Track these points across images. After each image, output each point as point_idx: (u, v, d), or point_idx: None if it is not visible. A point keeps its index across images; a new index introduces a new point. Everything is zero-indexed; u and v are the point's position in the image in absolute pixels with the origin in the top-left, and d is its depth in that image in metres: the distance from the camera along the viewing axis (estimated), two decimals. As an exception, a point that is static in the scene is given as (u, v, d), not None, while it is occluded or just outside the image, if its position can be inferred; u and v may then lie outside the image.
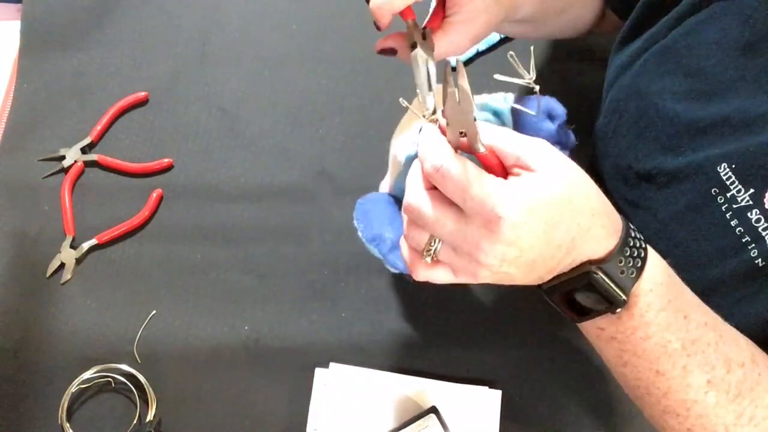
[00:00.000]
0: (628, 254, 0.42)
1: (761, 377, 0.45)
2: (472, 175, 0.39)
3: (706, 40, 0.53)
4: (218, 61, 0.80)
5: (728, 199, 0.49)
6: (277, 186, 0.75)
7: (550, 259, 0.41)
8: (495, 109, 0.50)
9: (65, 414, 0.65)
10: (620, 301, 0.42)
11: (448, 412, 0.63)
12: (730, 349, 0.45)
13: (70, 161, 0.75)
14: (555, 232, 0.40)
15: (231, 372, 0.67)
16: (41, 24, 0.82)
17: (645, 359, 0.45)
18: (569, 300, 0.44)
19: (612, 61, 0.66)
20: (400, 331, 0.68)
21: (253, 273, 0.71)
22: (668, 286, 0.44)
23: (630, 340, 0.44)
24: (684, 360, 0.44)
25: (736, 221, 0.49)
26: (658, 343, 0.44)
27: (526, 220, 0.38)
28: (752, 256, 0.48)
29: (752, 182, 0.48)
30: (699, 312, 0.45)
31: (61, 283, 0.71)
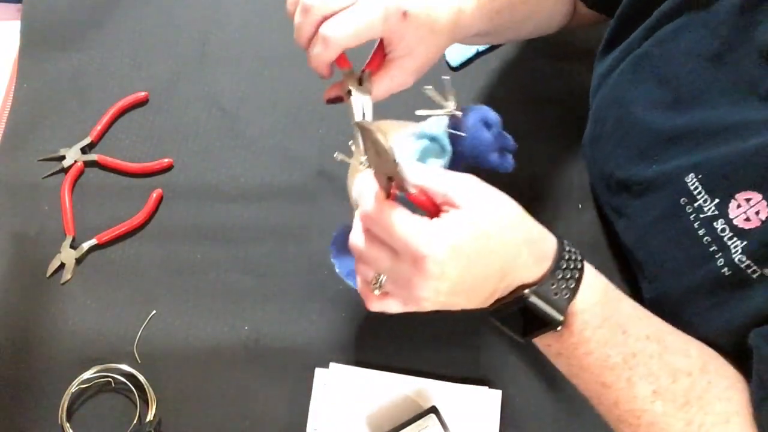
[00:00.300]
0: (561, 277, 0.44)
1: (711, 385, 0.46)
2: (397, 219, 0.42)
3: (679, 49, 0.54)
4: (218, 61, 0.80)
5: (696, 209, 0.50)
6: (277, 186, 0.75)
7: (485, 287, 0.44)
8: (431, 136, 0.53)
9: (65, 414, 0.65)
10: (556, 321, 0.45)
11: (448, 412, 0.63)
12: (676, 359, 0.46)
13: (70, 161, 0.75)
14: (481, 264, 0.43)
15: (231, 372, 0.67)
16: (41, 24, 0.82)
17: (590, 373, 0.47)
18: (512, 322, 0.47)
19: (595, 70, 0.67)
20: (400, 331, 0.68)
21: (253, 273, 0.71)
22: (604, 304, 0.46)
23: (574, 355, 0.47)
24: (627, 372, 0.46)
25: (704, 231, 0.50)
26: (600, 358, 0.46)
27: (449, 256, 0.41)
28: (719, 265, 0.49)
29: (717, 193, 0.49)
30: (641, 326, 0.47)
31: (61, 283, 0.71)
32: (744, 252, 0.47)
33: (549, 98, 0.77)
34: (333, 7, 0.47)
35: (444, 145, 0.53)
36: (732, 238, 0.48)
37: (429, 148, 0.53)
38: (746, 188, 0.47)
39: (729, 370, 0.48)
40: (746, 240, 0.47)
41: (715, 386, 0.46)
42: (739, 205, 0.47)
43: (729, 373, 0.47)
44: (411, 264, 0.42)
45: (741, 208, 0.47)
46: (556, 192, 0.73)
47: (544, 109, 0.77)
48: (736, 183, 0.47)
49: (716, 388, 0.46)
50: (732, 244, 0.48)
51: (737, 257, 0.48)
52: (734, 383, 0.46)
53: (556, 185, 0.73)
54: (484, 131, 0.54)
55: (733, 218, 0.48)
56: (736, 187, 0.47)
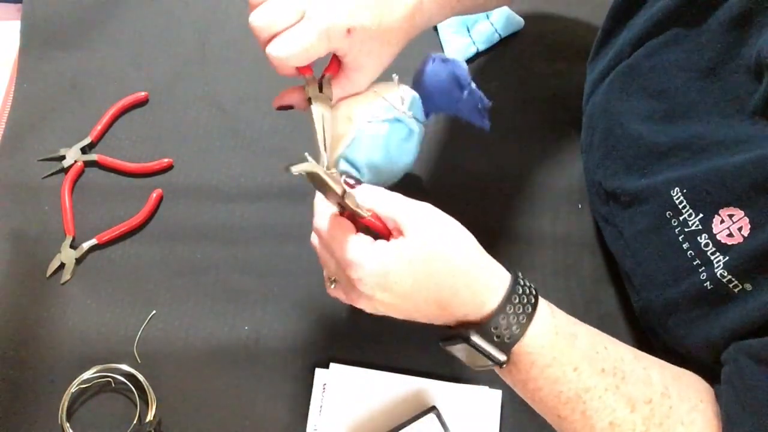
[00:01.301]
0: (511, 311, 0.45)
1: (672, 410, 0.45)
2: (339, 238, 0.45)
3: (669, 62, 0.54)
4: (218, 61, 0.80)
5: (681, 223, 0.50)
6: (277, 186, 0.74)
7: (423, 313, 0.46)
8: (395, 118, 0.52)
9: (65, 414, 0.65)
10: (499, 361, 0.46)
11: (448, 412, 0.63)
12: (634, 389, 0.46)
13: (70, 161, 0.75)
14: (413, 293, 0.45)
15: (231, 372, 0.67)
16: (41, 24, 0.82)
17: (544, 405, 0.48)
18: (460, 352, 0.48)
19: (588, 75, 0.67)
20: (400, 331, 0.68)
21: (253, 273, 0.71)
22: (552, 346, 0.46)
23: (526, 389, 0.48)
24: (581, 406, 0.46)
25: (688, 244, 0.50)
26: (551, 394, 0.46)
27: (377, 282, 0.44)
28: (702, 279, 0.49)
29: (701, 208, 0.49)
30: (595, 360, 0.46)
31: (61, 283, 0.71)
32: (726, 267, 0.47)
33: (548, 98, 0.77)
34: (275, 28, 0.46)
35: (410, 127, 0.53)
36: (715, 252, 0.48)
37: (395, 129, 0.53)
38: (729, 204, 0.47)
39: (691, 391, 0.47)
40: (728, 255, 0.47)
41: (677, 410, 0.45)
42: (723, 221, 0.47)
43: (692, 396, 0.47)
44: (347, 279, 0.46)
45: (724, 223, 0.47)
46: (556, 192, 0.73)
47: (543, 109, 0.77)
48: (720, 199, 0.47)
49: (678, 412, 0.45)
50: (715, 258, 0.48)
51: (719, 272, 0.48)
52: (696, 404, 0.46)
53: (556, 185, 0.73)
54: (456, 90, 0.54)
55: (717, 233, 0.48)
56: (719, 203, 0.47)
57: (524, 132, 0.76)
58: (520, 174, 0.74)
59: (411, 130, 0.53)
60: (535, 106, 0.77)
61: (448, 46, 0.79)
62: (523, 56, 0.80)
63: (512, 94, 0.78)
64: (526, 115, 0.77)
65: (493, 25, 0.79)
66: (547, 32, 0.80)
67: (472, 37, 0.79)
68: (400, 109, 0.53)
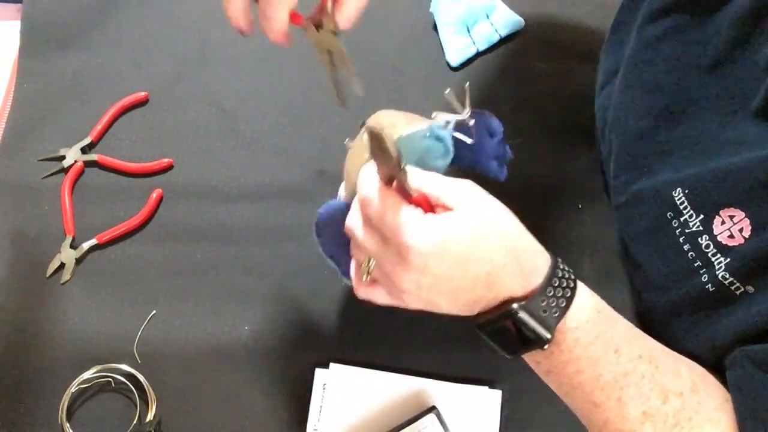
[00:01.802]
0: (552, 294, 0.44)
1: (701, 405, 0.45)
2: (390, 205, 0.43)
3: (665, 55, 0.53)
4: (218, 61, 0.80)
5: (681, 224, 0.50)
6: (277, 186, 0.75)
7: (470, 291, 0.44)
8: (438, 136, 0.53)
9: (65, 414, 0.65)
10: (545, 339, 0.44)
11: (448, 412, 0.63)
12: (667, 380, 0.45)
13: (70, 161, 0.75)
14: (467, 265, 0.42)
15: (231, 372, 0.67)
16: (41, 24, 0.82)
17: (581, 391, 0.46)
18: (500, 336, 0.46)
19: (600, 65, 0.66)
20: (400, 331, 0.68)
21: (253, 273, 0.71)
22: (596, 323, 0.45)
23: (564, 373, 0.46)
24: (618, 392, 0.45)
25: (689, 246, 0.50)
26: (591, 377, 0.45)
27: (433, 250, 0.42)
28: (703, 281, 0.49)
29: (702, 208, 0.48)
30: (633, 345, 0.46)
31: (61, 283, 0.71)
32: (727, 269, 0.47)
33: (548, 98, 0.77)
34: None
35: (448, 147, 0.54)
36: (716, 254, 0.47)
37: (433, 147, 0.54)
38: (730, 205, 0.46)
39: (718, 390, 0.47)
40: (730, 257, 0.47)
41: (705, 407, 0.45)
42: (723, 222, 0.47)
43: (718, 393, 0.47)
44: (396, 252, 0.43)
45: (725, 224, 0.47)
46: (556, 192, 0.73)
47: (543, 108, 0.77)
48: (721, 200, 0.47)
49: (706, 408, 0.45)
50: (716, 260, 0.48)
51: (721, 274, 0.47)
52: (722, 403, 0.46)
53: (556, 185, 0.73)
54: (487, 139, 0.55)
55: (717, 235, 0.47)
56: (720, 204, 0.47)
57: (524, 132, 0.76)
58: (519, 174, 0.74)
59: (447, 150, 0.54)
60: (534, 107, 0.77)
61: (448, 46, 0.79)
62: (523, 56, 0.80)
63: (512, 94, 0.78)
64: (525, 116, 0.77)
65: (493, 25, 0.79)
66: (547, 32, 0.80)
67: (472, 37, 0.79)
68: (444, 130, 0.53)
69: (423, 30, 0.81)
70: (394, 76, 0.79)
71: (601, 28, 0.80)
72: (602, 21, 0.80)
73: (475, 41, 0.79)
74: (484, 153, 0.56)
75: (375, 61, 0.79)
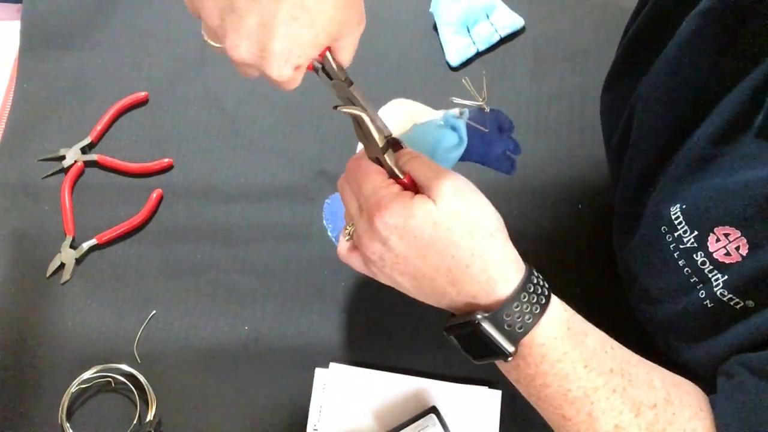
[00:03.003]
0: (518, 308, 0.43)
1: (675, 417, 0.45)
2: (369, 174, 0.45)
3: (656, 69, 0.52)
4: (218, 61, 0.80)
5: (676, 239, 0.49)
6: (277, 186, 0.75)
7: (432, 281, 0.44)
8: (453, 124, 0.55)
9: (65, 414, 0.65)
10: (507, 352, 0.44)
11: (448, 412, 0.63)
12: (639, 392, 0.45)
13: (70, 161, 0.75)
14: (427, 252, 0.43)
15: (231, 372, 0.67)
16: (41, 24, 0.82)
17: (549, 404, 0.46)
18: (465, 342, 0.46)
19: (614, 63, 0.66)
20: (400, 331, 0.68)
21: (253, 273, 0.71)
22: (564, 339, 0.44)
23: (532, 385, 0.46)
24: (588, 407, 0.44)
25: (684, 262, 0.49)
26: (558, 391, 0.45)
27: (397, 226, 0.43)
28: (701, 297, 0.48)
29: (696, 224, 0.47)
30: (604, 359, 0.45)
31: (61, 283, 0.71)
32: (725, 286, 0.46)
33: (548, 98, 0.77)
34: None
35: (462, 137, 0.55)
36: (713, 271, 0.47)
37: (446, 136, 0.54)
38: (725, 223, 0.45)
39: (692, 398, 0.46)
40: (727, 274, 0.46)
41: (679, 417, 0.45)
42: (718, 239, 0.46)
43: (692, 401, 0.46)
44: (366, 219, 0.44)
45: (720, 242, 0.46)
46: (556, 192, 0.73)
47: (543, 108, 0.77)
48: (717, 217, 0.46)
49: (680, 419, 0.45)
50: (713, 277, 0.47)
51: (719, 291, 0.46)
52: (697, 412, 0.45)
53: (556, 185, 0.73)
54: (497, 134, 0.57)
55: (713, 252, 0.46)
56: (715, 222, 0.46)
57: (523, 132, 0.76)
58: (520, 174, 0.74)
59: (461, 140, 0.55)
60: (534, 107, 0.77)
61: (448, 46, 0.79)
62: (523, 56, 0.80)
63: (512, 94, 0.78)
64: (524, 115, 0.77)
65: (493, 26, 0.79)
66: (546, 32, 0.80)
67: (472, 37, 0.79)
68: (459, 119, 0.55)
69: (423, 30, 0.81)
70: (394, 76, 0.79)
71: (601, 27, 0.80)
72: (602, 21, 0.81)
73: (475, 41, 0.79)
74: (494, 148, 0.57)
75: (375, 61, 0.79)
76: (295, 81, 0.45)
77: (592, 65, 0.78)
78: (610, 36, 0.79)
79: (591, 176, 0.73)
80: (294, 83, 0.45)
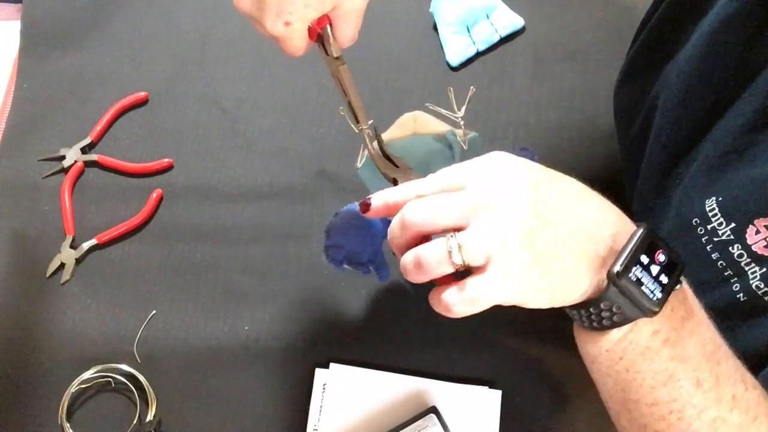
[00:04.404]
0: None
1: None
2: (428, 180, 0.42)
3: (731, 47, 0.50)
4: (218, 61, 0.80)
5: (709, 232, 0.48)
6: (277, 186, 0.75)
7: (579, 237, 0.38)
8: (451, 142, 0.54)
9: (65, 414, 0.65)
10: (656, 301, 0.38)
11: (448, 412, 0.63)
12: (741, 369, 0.42)
13: (70, 161, 0.75)
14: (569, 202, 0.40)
15: (231, 372, 0.67)
16: (41, 24, 0.82)
17: (688, 365, 0.40)
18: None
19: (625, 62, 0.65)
20: (400, 331, 0.68)
21: (253, 273, 0.71)
22: (694, 299, 0.42)
23: (679, 338, 0.40)
24: (716, 369, 0.40)
25: (717, 255, 0.48)
26: (699, 342, 0.40)
27: (530, 193, 0.38)
28: (734, 290, 0.47)
29: (734, 217, 0.46)
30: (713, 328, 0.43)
31: (61, 283, 0.71)
32: (762, 278, 0.45)
33: (548, 98, 0.77)
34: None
35: (454, 155, 0.54)
36: (750, 264, 0.45)
37: (440, 152, 0.54)
38: (766, 215, 0.44)
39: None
40: (766, 267, 0.45)
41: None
42: (758, 231, 0.45)
43: None
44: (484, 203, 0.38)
45: (760, 234, 0.45)
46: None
47: (543, 109, 0.77)
48: (756, 209, 0.45)
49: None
50: (750, 270, 0.46)
51: (755, 283, 0.45)
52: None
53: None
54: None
55: (752, 244, 0.45)
56: (755, 213, 0.45)
57: (523, 131, 0.76)
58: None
59: (453, 158, 0.54)
60: (534, 107, 0.77)
61: (448, 46, 0.79)
62: (523, 56, 0.80)
63: (512, 94, 0.78)
64: (524, 115, 0.77)
65: (493, 25, 0.79)
66: (546, 32, 0.80)
67: (472, 37, 0.79)
68: (459, 142, 0.54)
69: (423, 30, 0.81)
70: (394, 76, 0.79)
71: (601, 27, 0.80)
72: (602, 21, 0.81)
73: (475, 41, 0.79)
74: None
75: (375, 61, 0.79)
76: (291, 41, 0.45)
77: (592, 65, 0.78)
78: (610, 36, 0.79)
79: (592, 175, 0.73)
80: (291, 44, 0.45)
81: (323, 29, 0.47)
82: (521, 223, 0.37)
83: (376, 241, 0.57)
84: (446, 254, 0.38)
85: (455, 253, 0.38)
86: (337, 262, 0.59)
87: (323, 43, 0.48)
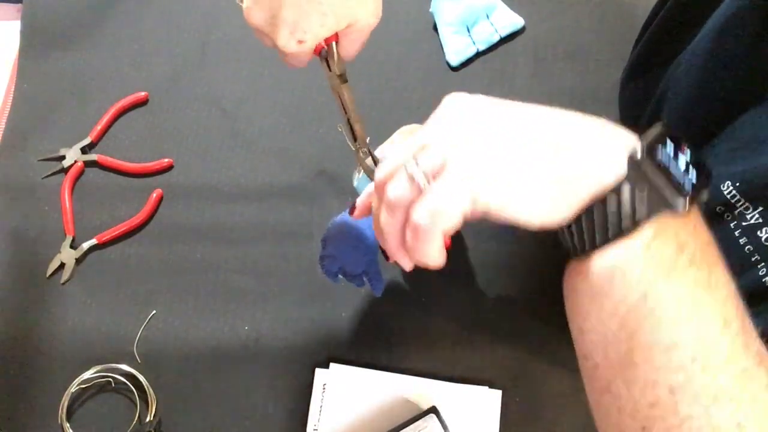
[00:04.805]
0: None
1: None
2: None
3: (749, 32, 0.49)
4: (218, 61, 0.80)
5: (737, 217, 0.47)
6: (277, 186, 0.75)
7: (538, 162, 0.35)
8: None
9: (65, 414, 0.65)
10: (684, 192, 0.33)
11: (448, 412, 0.63)
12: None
13: (70, 161, 0.75)
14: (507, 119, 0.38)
15: (231, 372, 0.67)
16: (41, 24, 0.82)
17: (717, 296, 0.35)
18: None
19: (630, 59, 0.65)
20: (400, 331, 0.68)
21: (253, 273, 0.71)
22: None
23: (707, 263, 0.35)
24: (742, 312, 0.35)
25: (746, 239, 0.47)
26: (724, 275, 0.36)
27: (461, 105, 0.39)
28: (761, 275, 0.46)
29: (761, 201, 0.45)
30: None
31: (61, 283, 0.71)
32: None
33: (548, 98, 0.77)
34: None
35: None
36: None
37: None
38: None
39: None
40: None
41: None
42: None
43: None
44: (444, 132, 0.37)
45: None
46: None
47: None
48: None
49: None
50: None
51: None
52: None
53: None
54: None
55: None
56: None
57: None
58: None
59: None
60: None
61: (448, 46, 0.79)
62: (523, 56, 0.80)
63: (512, 94, 0.78)
64: (526, 115, 0.77)
65: (493, 25, 0.79)
66: (546, 32, 0.80)
67: (472, 37, 0.79)
68: None
69: (423, 30, 0.81)
70: (394, 76, 0.79)
71: (601, 27, 0.80)
72: (602, 20, 0.81)
73: (475, 41, 0.79)
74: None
75: (375, 62, 0.79)
76: (298, 57, 0.45)
77: (592, 65, 0.78)
78: (610, 35, 0.79)
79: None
80: (297, 59, 0.45)
81: (329, 45, 0.47)
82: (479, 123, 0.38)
83: (370, 252, 0.58)
84: (407, 179, 0.37)
85: (413, 169, 0.36)
86: (331, 274, 0.60)
87: (327, 58, 0.48)
